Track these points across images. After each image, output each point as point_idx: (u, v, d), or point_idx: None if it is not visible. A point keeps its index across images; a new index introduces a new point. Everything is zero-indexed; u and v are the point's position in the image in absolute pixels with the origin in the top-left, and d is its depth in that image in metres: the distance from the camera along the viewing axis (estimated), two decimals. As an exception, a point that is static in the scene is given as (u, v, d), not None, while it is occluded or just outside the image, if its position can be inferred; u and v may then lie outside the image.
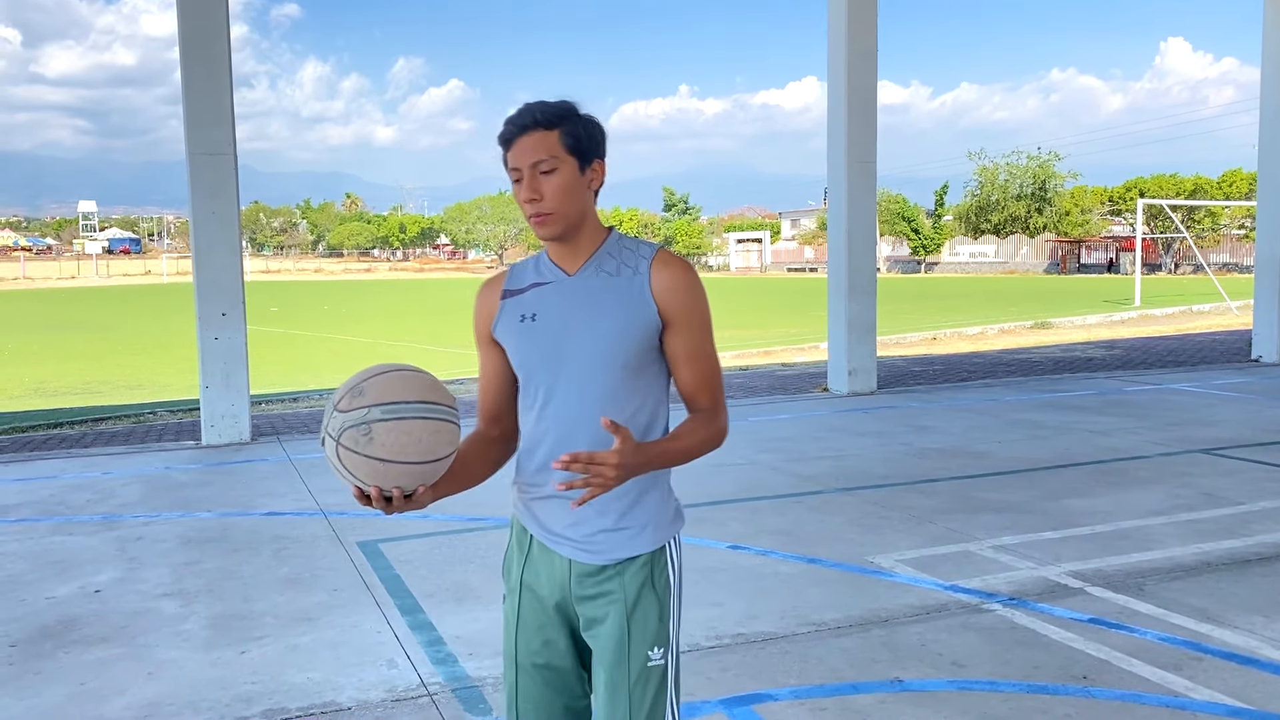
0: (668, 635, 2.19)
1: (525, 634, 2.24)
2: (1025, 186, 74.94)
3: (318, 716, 3.76)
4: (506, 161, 2.15)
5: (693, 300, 2.16)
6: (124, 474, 7.99)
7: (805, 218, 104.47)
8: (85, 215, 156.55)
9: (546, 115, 2.11)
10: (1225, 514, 6.20)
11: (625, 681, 2.14)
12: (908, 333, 21.37)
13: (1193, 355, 15.15)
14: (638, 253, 2.19)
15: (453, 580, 5.23)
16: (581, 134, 2.13)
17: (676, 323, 2.16)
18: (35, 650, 4.45)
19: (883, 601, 4.80)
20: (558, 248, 2.21)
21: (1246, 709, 3.65)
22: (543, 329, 2.17)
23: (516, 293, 2.24)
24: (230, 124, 9.02)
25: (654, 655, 2.16)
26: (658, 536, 2.19)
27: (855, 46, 11.19)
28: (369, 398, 1.95)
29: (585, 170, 2.14)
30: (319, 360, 19.58)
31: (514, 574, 2.27)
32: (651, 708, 2.15)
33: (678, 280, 2.15)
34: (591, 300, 2.16)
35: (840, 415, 10.05)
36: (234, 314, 9.09)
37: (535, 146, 2.10)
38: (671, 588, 2.21)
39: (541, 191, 2.11)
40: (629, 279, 2.16)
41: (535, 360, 2.18)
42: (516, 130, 2.12)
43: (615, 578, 2.16)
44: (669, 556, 2.22)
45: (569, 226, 2.15)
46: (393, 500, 1.98)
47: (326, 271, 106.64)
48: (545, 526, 2.21)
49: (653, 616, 2.17)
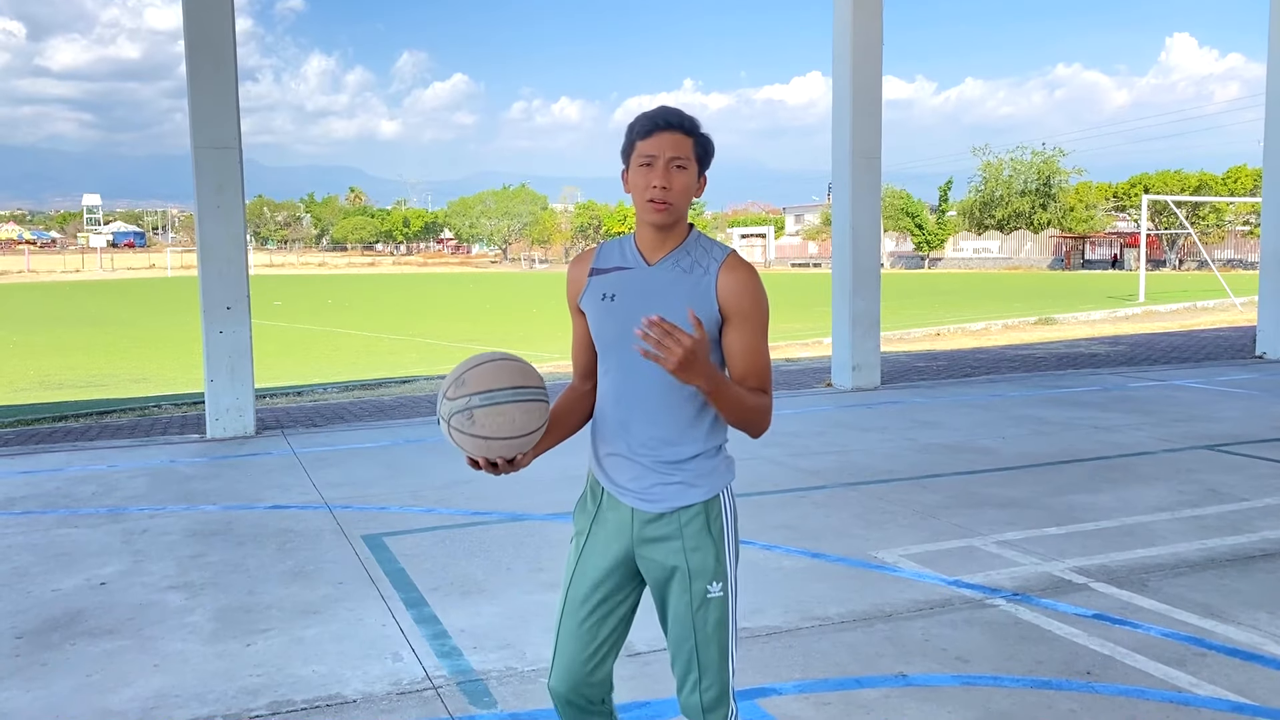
0: (725, 572, 2.47)
1: (584, 575, 2.54)
2: (1029, 182, 74.81)
3: (323, 709, 3.77)
4: (633, 149, 2.41)
5: (753, 303, 2.43)
6: (129, 467, 8.01)
7: (809, 213, 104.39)
8: (90, 209, 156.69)
9: (688, 122, 2.41)
10: (1229, 510, 6.20)
11: (689, 612, 2.45)
12: (912, 328, 21.36)
13: (1197, 351, 15.13)
14: (710, 254, 2.45)
15: (458, 574, 5.24)
16: (708, 148, 2.45)
17: (735, 321, 2.42)
18: (42, 642, 4.46)
19: (887, 596, 4.80)
20: (648, 237, 2.47)
21: (1250, 705, 3.65)
22: (619, 310, 2.45)
23: (603, 272, 2.52)
24: (235, 118, 9.02)
25: (713, 589, 2.45)
26: (711, 487, 2.48)
27: (860, 41, 11.17)
28: (469, 387, 2.32)
29: (699, 178, 2.46)
30: (323, 354, 19.60)
31: (586, 519, 2.58)
32: (715, 632, 2.45)
33: (741, 284, 2.42)
34: (664, 291, 2.43)
35: (844, 410, 10.05)
36: (238, 308, 9.10)
37: (676, 144, 2.39)
38: (726, 532, 2.49)
39: (671, 183, 2.38)
40: (699, 277, 2.42)
41: (609, 336, 2.48)
42: (662, 125, 2.39)
43: (673, 522, 2.46)
44: (723, 505, 2.50)
45: (677, 218, 2.44)
46: (498, 465, 2.37)
47: (330, 265, 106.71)
48: (613, 480, 2.53)
49: (710, 557, 2.46)
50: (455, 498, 6.78)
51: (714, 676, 2.47)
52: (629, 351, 2.41)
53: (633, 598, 2.57)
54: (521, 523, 6.18)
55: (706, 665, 2.47)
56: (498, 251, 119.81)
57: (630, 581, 2.55)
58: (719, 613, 2.46)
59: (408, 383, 13.98)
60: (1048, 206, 73.90)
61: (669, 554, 2.46)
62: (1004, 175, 76.04)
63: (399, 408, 11.06)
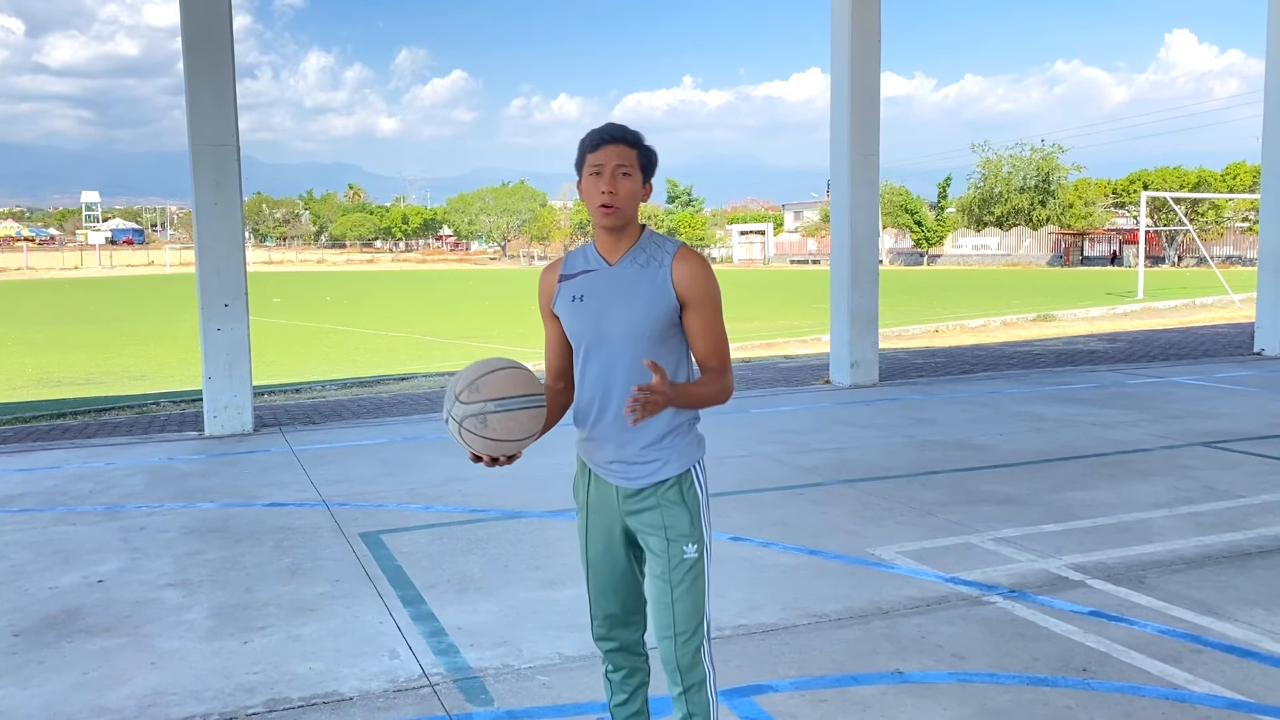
0: (700, 535, 2.80)
1: (592, 540, 2.89)
2: (1029, 179, 74.77)
3: (320, 707, 3.78)
4: (585, 162, 2.73)
5: (705, 287, 2.74)
6: (127, 464, 8.01)
7: (808, 210, 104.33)
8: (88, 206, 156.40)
9: (631, 135, 2.74)
10: (1226, 507, 6.20)
11: (668, 571, 2.77)
12: (910, 325, 21.35)
13: (1195, 348, 15.13)
14: (663, 249, 2.77)
15: (455, 571, 5.24)
16: (650, 158, 2.77)
17: (691, 305, 2.74)
18: (39, 640, 4.46)
19: (883, 593, 4.81)
20: (605, 240, 2.79)
21: (1246, 701, 3.66)
22: (589, 309, 2.77)
23: (570, 277, 2.83)
24: (233, 115, 9.02)
25: (689, 550, 2.78)
26: (683, 463, 2.80)
27: (858, 38, 11.16)
28: (484, 394, 2.57)
29: (644, 185, 2.76)
30: (321, 351, 19.59)
31: (581, 497, 2.92)
32: (690, 588, 2.77)
33: (692, 272, 2.73)
34: (625, 287, 2.74)
35: (842, 407, 10.05)
36: (237, 305, 9.10)
37: (621, 154, 2.71)
38: (699, 500, 2.82)
39: (617, 189, 2.70)
40: (655, 270, 2.74)
41: (582, 333, 2.79)
42: (608, 139, 2.72)
43: (652, 496, 2.79)
44: (694, 477, 2.82)
45: (624, 221, 2.74)
46: (499, 460, 2.64)
47: (329, 262, 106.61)
48: (596, 461, 2.84)
49: (684, 522, 2.78)
50: (452, 495, 6.78)
51: (688, 631, 2.77)
52: (599, 343, 2.75)
53: (641, 551, 2.88)
54: (519, 520, 6.19)
55: (681, 619, 2.77)
56: (497, 248, 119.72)
57: (634, 542, 2.87)
58: (694, 571, 2.78)
59: (406, 380, 13.98)
60: (1047, 203, 73.86)
61: (650, 522, 2.79)
62: (1003, 172, 75.99)
63: (397, 405, 11.06)
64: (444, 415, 2.64)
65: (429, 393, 12.23)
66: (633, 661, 2.95)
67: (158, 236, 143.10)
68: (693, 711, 2.80)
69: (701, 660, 2.79)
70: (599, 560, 2.88)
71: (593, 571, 2.91)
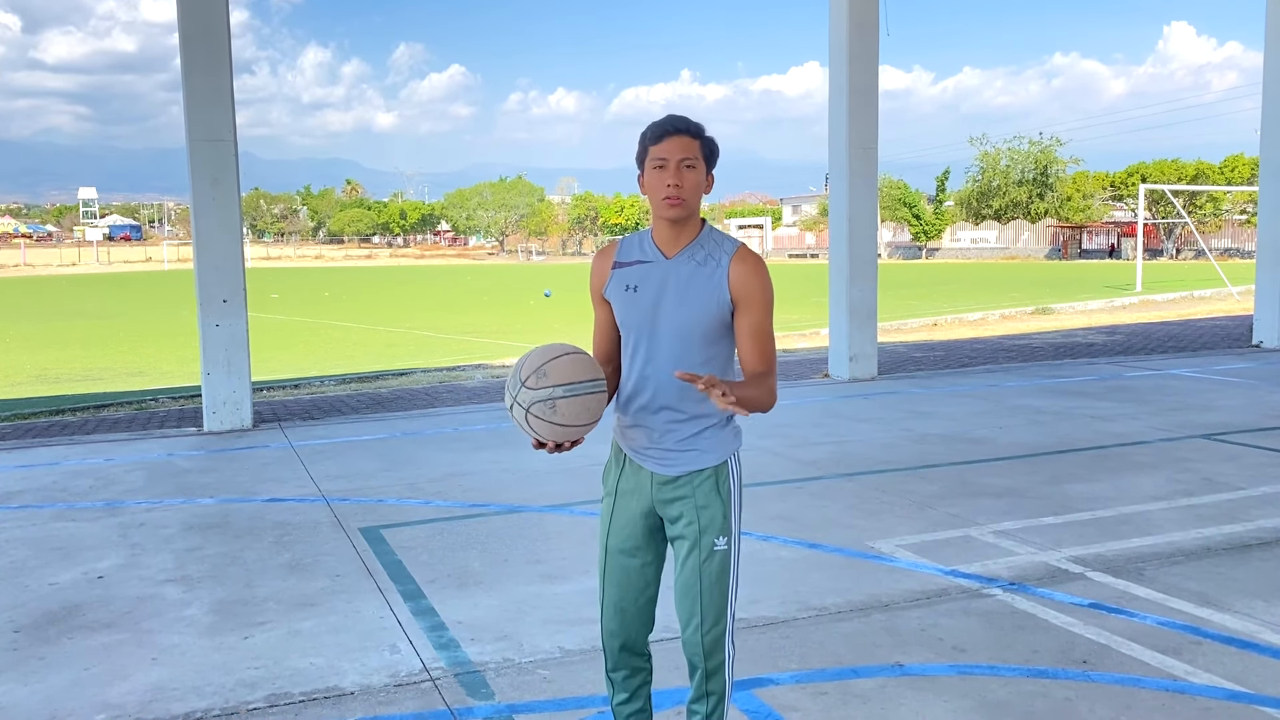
0: (730, 528, 2.80)
1: (616, 527, 2.86)
2: (1027, 172, 74.75)
3: (321, 701, 3.78)
4: (648, 154, 2.71)
5: (759, 290, 2.74)
6: (126, 460, 8.01)
7: (807, 204, 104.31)
8: (86, 202, 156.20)
9: (694, 126, 2.72)
10: (1225, 499, 6.21)
11: (698, 561, 2.78)
12: (909, 319, 21.36)
13: (1194, 340, 15.14)
14: (722, 248, 2.75)
15: (455, 566, 5.24)
16: (713, 149, 2.75)
17: (743, 306, 2.73)
18: (39, 636, 4.47)
19: (883, 586, 4.81)
20: (665, 232, 2.76)
21: (1245, 693, 3.66)
22: (642, 300, 2.75)
23: (625, 265, 2.81)
24: (230, 110, 9.00)
25: (719, 543, 2.78)
26: (720, 454, 2.80)
27: (857, 31, 11.15)
28: (551, 379, 2.55)
29: (708, 175, 2.75)
30: (320, 347, 19.58)
31: (610, 482, 2.91)
32: (717, 580, 2.78)
33: (749, 273, 2.72)
34: (682, 283, 2.73)
35: (841, 401, 10.06)
36: (235, 301, 9.09)
37: (685, 146, 2.68)
38: (732, 493, 2.81)
39: (683, 180, 2.68)
40: (712, 269, 2.73)
41: (633, 323, 2.78)
42: (671, 130, 2.69)
43: (687, 484, 2.78)
44: (730, 469, 2.82)
45: (689, 213, 2.73)
46: (563, 446, 2.63)
47: (327, 258, 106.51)
48: (634, 447, 2.84)
49: (718, 514, 2.78)
50: (452, 490, 6.79)
51: (713, 621, 2.79)
52: (650, 335, 2.75)
53: (661, 546, 2.89)
54: (519, 514, 6.19)
55: (708, 609, 2.78)
56: (495, 243, 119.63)
57: (657, 533, 2.87)
58: (721, 564, 2.79)
59: (405, 375, 13.98)
60: (1045, 196, 73.85)
61: (683, 511, 2.78)
62: (1001, 165, 75.97)
63: (396, 400, 11.06)
64: (508, 402, 2.61)
65: (428, 388, 12.22)
66: (635, 661, 2.94)
67: (155, 232, 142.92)
68: (711, 690, 2.84)
69: (725, 645, 2.83)
70: (620, 550, 2.86)
71: (611, 562, 2.88)
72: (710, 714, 2.85)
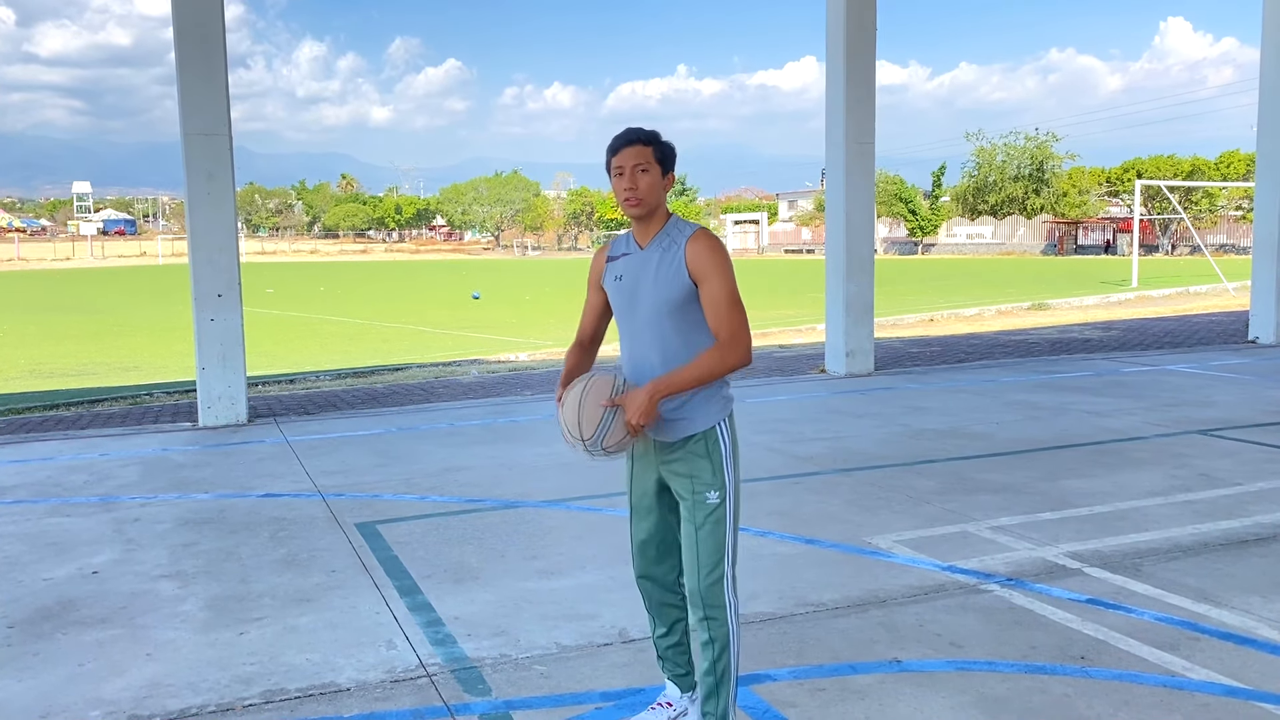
0: (722, 483, 3.16)
1: (635, 485, 3.32)
2: (1023, 167, 74.77)
3: (316, 697, 3.76)
4: (610, 166, 3.14)
5: (711, 263, 3.06)
6: (121, 455, 7.98)
7: (803, 199, 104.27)
8: (80, 196, 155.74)
9: (645, 135, 3.13)
10: (1222, 495, 6.21)
11: (693, 515, 3.16)
12: (905, 314, 21.36)
13: (1190, 336, 15.15)
14: (682, 233, 3.13)
15: (451, 561, 5.23)
16: (666, 152, 3.14)
17: (700, 280, 3.08)
18: (34, 631, 4.44)
19: (881, 582, 4.80)
20: (638, 228, 3.19)
21: (1243, 688, 3.66)
22: (625, 286, 3.19)
23: (615, 258, 3.25)
24: (225, 104, 8.96)
25: (711, 496, 3.14)
26: (707, 420, 3.16)
27: (854, 26, 11.13)
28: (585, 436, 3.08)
29: (664, 176, 3.15)
30: (315, 342, 19.54)
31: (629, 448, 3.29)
32: (712, 531, 3.14)
33: (701, 250, 3.08)
34: (652, 269, 3.13)
35: (838, 397, 10.05)
36: (230, 295, 9.07)
37: (638, 154, 3.10)
38: (724, 454, 3.17)
39: (637, 184, 3.08)
40: (674, 253, 3.11)
41: (620, 307, 3.22)
42: (624, 143, 3.11)
43: (681, 448, 3.16)
44: (719, 433, 3.18)
45: (648, 210, 3.13)
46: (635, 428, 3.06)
47: (322, 253, 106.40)
48: None
49: (707, 472, 3.15)
50: (448, 485, 6.77)
51: (709, 567, 3.13)
52: (634, 319, 3.17)
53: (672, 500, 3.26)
54: (515, 510, 6.17)
55: (704, 557, 3.13)
56: (490, 238, 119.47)
57: (666, 490, 3.26)
58: (715, 515, 3.14)
59: (400, 370, 13.95)
60: (1041, 192, 73.87)
61: (679, 471, 3.17)
62: (997, 160, 75.98)
63: (392, 395, 11.04)
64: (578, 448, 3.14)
65: (424, 383, 12.20)
66: (665, 597, 3.33)
67: (150, 227, 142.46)
68: (713, 637, 3.14)
69: (723, 592, 3.14)
70: (639, 503, 3.30)
71: (634, 513, 3.33)
72: (716, 660, 3.14)
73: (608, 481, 6.69)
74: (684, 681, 3.41)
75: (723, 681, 3.15)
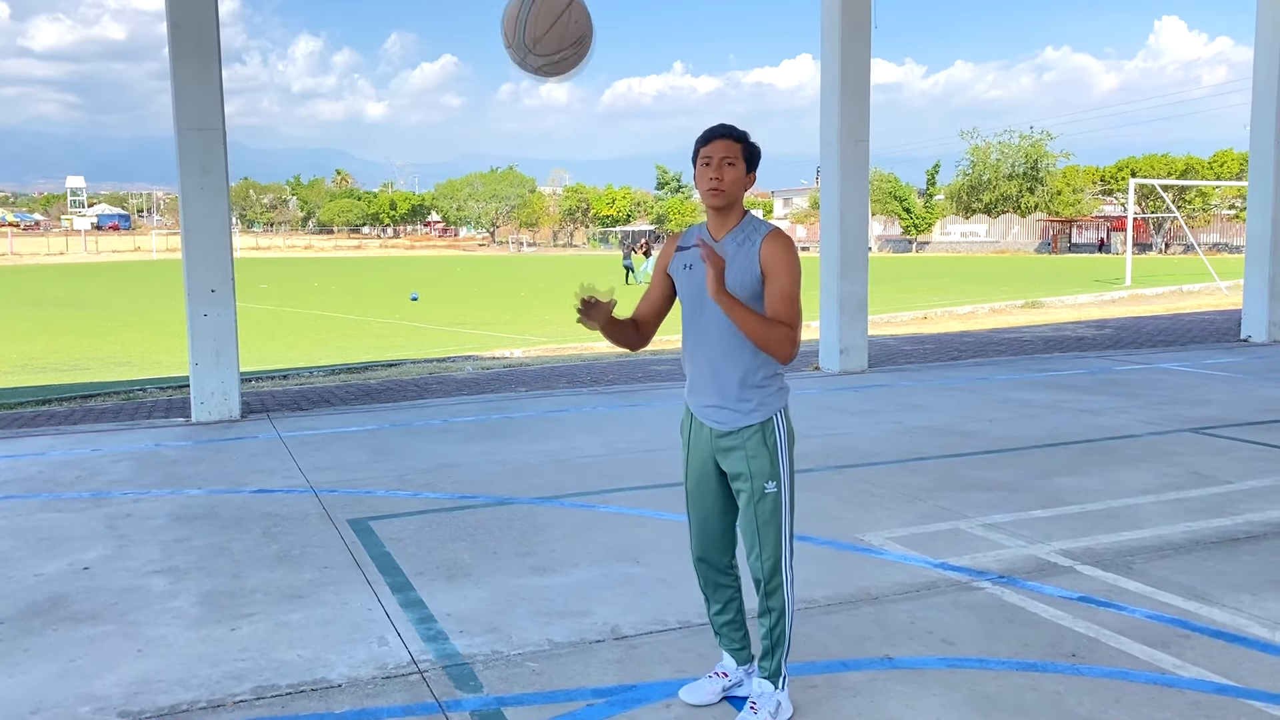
0: (779, 473, 3.33)
1: (690, 469, 3.47)
2: (1017, 166, 74.85)
3: (308, 693, 3.76)
4: (698, 154, 3.32)
5: (781, 261, 3.26)
6: (113, 451, 7.96)
7: (798, 196, 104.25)
8: (74, 191, 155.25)
9: (736, 132, 3.34)
10: (1214, 493, 6.22)
11: (752, 504, 3.34)
12: (899, 312, 21.38)
13: (1183, 335, 15.19)
14: (758, 231, 3.33)
15: (443, 558, 5.22)
16: (753, 152, 3.35)
17: (769, 276, 3.27)
18: (24, 627, 4.43)
19: (873, 579, 4.81)
20: (714, 220, 3.37)
21: (1234, 686, 3.67)
22: (695, 276, 3.34)
23: (685, 249, 3.41)
24: (219, 99, 8.94)
25: (769, 487, 3.33)
26: (765, 413, 3.34)
27: (848, 24, 11.13)
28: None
29: (747, 174, 3.34)
30: (309, 337, 19.51)
31: (685, 434, 3.51)
32: (770, 517, 3.34)
33: (775, 249, 3.27)
34: (727, 260, 3.25)
35: (831, 394, 10.06)
36: (224, 291, 9.04)
37: (727, 147, 3.30)
38: (780, 444, 3.35)
39: (723, 176, 3.28)
40: (749, 249, 3.29)
41: (688, 296, 3.38)
42: (717, 135, 3.31)
43: (738, 438, 3.33)
44: (775, 424, 3.35)
45: (728, 202, 3.32)
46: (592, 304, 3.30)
47: (317, 248, 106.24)
48: (695, 405, 3.44)
49: (766, 463, 3.32)
50: (441, 482, 6.76)
51: (770, 551, 3.35)
52: (702, 308, 3.32)
53: (726, 483, 3.42)
54: (508, 506, 6.17)
55: (764, 543, 3.35)
56: (485, 234, 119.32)
57: (720, 474, 3.42)
58: (773, 504, 3.33)
59: (394, 366, 13.93)
60: (1035, 190, 73.97)
61: (737, 460, 3.34)
62: (991, 159, 76.06)
63: (385, 391, 11.02)
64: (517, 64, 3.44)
65: (417, 379, 12.19)
66: (719, 578, 3.52)
67: (144, 222, 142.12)
68: (771, 607, 3.39)
69: (781, 569, 3.38)
70: (695, 488, 3.47)
71: (690, 497, 3.49)
72: (774, 627, 3.40)
73: (601, 478, 6.69)
74: (740, 655, 3.61)
75: (779, 644, 3.42)
